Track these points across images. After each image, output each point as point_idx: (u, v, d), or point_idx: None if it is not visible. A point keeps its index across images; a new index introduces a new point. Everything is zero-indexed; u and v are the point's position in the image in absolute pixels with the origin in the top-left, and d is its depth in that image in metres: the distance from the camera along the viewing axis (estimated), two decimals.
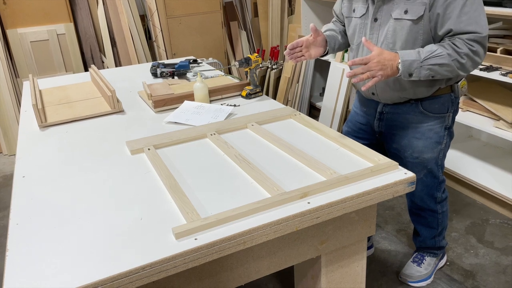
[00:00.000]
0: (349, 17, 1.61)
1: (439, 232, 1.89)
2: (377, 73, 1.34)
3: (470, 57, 1.37)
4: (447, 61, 1.36)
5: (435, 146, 1.63)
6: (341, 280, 1.45)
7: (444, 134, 1.63)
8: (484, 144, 2.94)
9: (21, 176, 1.41)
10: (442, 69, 1.38)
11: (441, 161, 1.70)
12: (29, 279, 0.94)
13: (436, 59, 1.36)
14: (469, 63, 1.38)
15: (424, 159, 1.65)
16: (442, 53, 1.36)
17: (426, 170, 1.68)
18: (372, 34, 1.49)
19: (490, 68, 2.30)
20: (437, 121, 1.60)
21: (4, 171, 3.30)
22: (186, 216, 1.11)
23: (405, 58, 1.36)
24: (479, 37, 1.36)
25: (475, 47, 1.36)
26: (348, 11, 1.60)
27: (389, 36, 1.46)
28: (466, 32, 1.36)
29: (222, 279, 1.18)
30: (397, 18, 1.42)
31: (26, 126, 1.86)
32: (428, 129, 1.60)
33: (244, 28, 4.37)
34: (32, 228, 1.13)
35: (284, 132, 1.65)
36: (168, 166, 1.38)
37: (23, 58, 3.57)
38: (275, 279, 1.98)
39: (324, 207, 1.16)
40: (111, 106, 1.94)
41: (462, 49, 1.36)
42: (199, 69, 2.57)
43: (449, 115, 1.61)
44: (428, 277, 1.93)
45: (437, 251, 1.96)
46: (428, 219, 1.85)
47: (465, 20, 1.35)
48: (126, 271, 0.94)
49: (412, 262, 1.97)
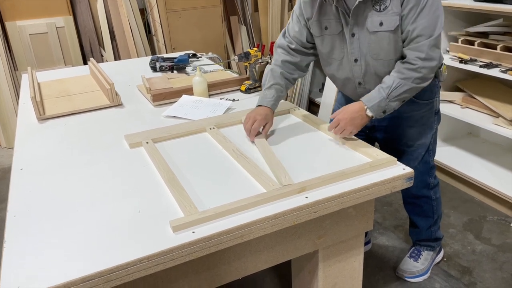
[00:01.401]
0: (322, 36, 1.54)
1: (435, 221, 1.90)
2: (350, 129, 1.43)
3: (426, 67, 1.39)
4: (408, 86, 1.40)
5: (428, 132, 1.67)
6: (338, 275, 1.46)
7: (434, 119, 1.68)
8: (483, 141, 2.94)
9: (19, 168, 1.41)
10: (409, 93, 1.42)
11: (432, 146, 1.73)
12: (27, 270, 0.94)
13: (398, 90, 1.40)
14: (427, 71, 1.40)
15: (419, 146, 1.68)
16: (400, 83, 1.40)
17: (420, 157, 1.71)
18: (354, 49, 1.48)
19: (490, 65, 2.30)
20: (427, 107, 1.63)
21: (2, 164, 3.30)
22: (184, 210, 1.11)
23: (370, 103, 1.42)
24: (432, 41, 1.37)
25: (428, 54, 1.37)
26: (318, 30, 1.53)
27: (371, 48, 1.46)
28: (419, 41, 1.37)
29: (220, 272, 1.18)
30: (374, 31, 1.42)
31: (25, 118, 1.86)
32: (420, 116, 1.64)
33: (244, 23, 4.35)
34: (29, 220, 1.13)
35: (283, 127, 1.64)
36: (166, 160, 1.38)
37: (22, 51, 3.56)
38: (272, 273, 1.99)
39: (322, 201, 1.16)
40: (110, 99, 1.93)
41: (416, 64, 1.38)
42: (198, 63, 2.57)
43: (436, 100, 1.66)
44: (425, 272, 1.94)
45: (434, 243, 1.97)
46: (424, 207, 1.86)
47: (421, 25, 1.36)
48: (123, 263, 0.94)
49: (409, 257, 1.98)
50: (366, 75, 1.52)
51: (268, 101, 1.56)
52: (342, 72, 1.57)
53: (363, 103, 1.43)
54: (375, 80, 1.51)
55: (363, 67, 1.50)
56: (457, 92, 2.72)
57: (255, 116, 1.51)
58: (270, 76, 1.61)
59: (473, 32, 2.49)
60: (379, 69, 1.49)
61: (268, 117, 1.53)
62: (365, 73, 1.52)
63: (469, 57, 2.43)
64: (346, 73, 1.56)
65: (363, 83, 1.55)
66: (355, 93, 1.61)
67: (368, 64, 1.49)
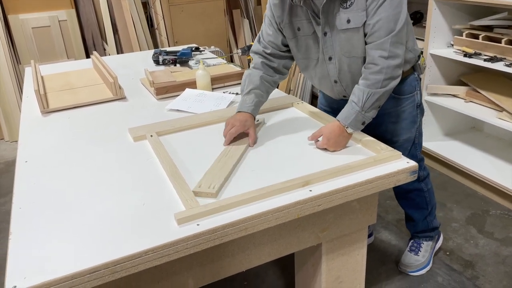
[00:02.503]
0: (295, 37, 1.51)
1: (430, 211, 1.91)
2: (333, 148, 1.38)
3: (392, 66, 1.36)
4: (379, 93, 1.37)
5: (412, 126, 1.67)
6: (341, 268, 1.46)
7: (416, 112, 1.66)
8: (486, 135, 2.94)
9: (24, 161, 1.41)
10: (381, 99, 1.39)
11: (417, 139, 1.72)
12: (32, 262, 0.95)
13: (370, 100, 1.37)
14: (394, 71, 1.37)
15: (404, 141, 1.68)
16: (370, 93, 1.36)
17: (407, 152, 1.69)
18: (327, 48, 1.46)
19: (494, 58, 2.29)
20: (408, 101, 1.62)
21: (6, 157, 3.31)
22: (185, 203, 1.11)
23: (348, 121, 1.38)
24: (393, 37, 1.33)
25: (390, 51, 1.34)
26: (291, 32, 1.50)
27: (343, 46, 1.44)
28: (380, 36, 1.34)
29: (224, 265, 1.19)
30: (343, 29, 1.40)
31: (28, 112, 1.86)
32: (402, 111, 1.63)
33: (246, 16, 4.34)
34: (35, 212, 1.13)
35: (286, 121, 1.64)
36: (170, 153, 1.38)
37: (25, 44, 3.55)
38: (275, 266, 1.99)
39: (326, 195, 1.16)
40: (113, 92, 1.94)
41: (380, 64, 1.35)
42: (201, 57, 2.56)
43: (417, 93, 1.64)
44: (427, 264, 1.95)
45: (431, 232, 1.97)
46: (416, 200, 1.87)
47: (381, 19, 1.33)
48: (128, 255, 0.95)
49: (409, 251, 1.98)
50: (341, 73, 1.50)
51: (248, 106, 1.51)
52: (318, 71, 1.55)
53: (341, 124, 1.40)
54: (350, 78, 1.50)
55: (337, 65, 1.49)
56: (461, 86, 2.71)
57: (233, 122, 1.47)
58: (248, 81, 1.56)
59: (477, 25, 2.47)
60: (352, 67, 1.47)
61: (248, 123, 1.47)
62: (339, 71, 1.50)
63: (473, 51, 2.42)
64: (321, 72, 1.54)
65: (339, 81, 1.53)
66: (332, 92, 1.61)
67: (342, 62, 1.47)
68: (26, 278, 0.90)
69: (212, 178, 1.22)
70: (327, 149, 1.39)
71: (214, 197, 1.15)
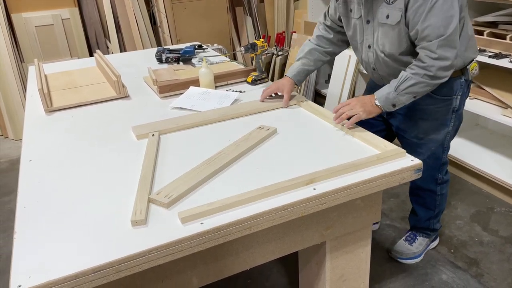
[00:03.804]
0: (347, 17, 1.61)
1: (435, 214, 1.92)
2: (358, 110, 1.45)
3: (437, 67, 1.38)
4: (416, 80, 1.40)
5: (441, 128, 1.66)
6: (345, 266, 1.46)
7: (451, 116, 1.65)
8: (491, 132, 2.92)
9: (28, 160, 1.41)
10: (417, 88, 1.41)
11: (447, 143, 1.72)
12: (37, 261, 0.95)
13: (406, 83, 1.41)
14: (439, 71, 1.39)
15: (429, 140, 1.68)
16: (408, 76, 1.41)
17: (430, 152, 1.71)
18: (367, 36, 1.55)
19: (499, 55, 2.27)
20: (444, 103, 1.62)
21: (10, 156, 3.32)
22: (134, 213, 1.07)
23: (379, 94, 1.46)
24: (442, 40, 1.35)
25: (438, 53, 1.36)
26: (345, 11, 1.61)
27: (379, 38, 1.50)
28: (429, 40, 1.36)
29: (228, 263, 1.19)
30: (382, 22, 1.46)
31: (32, 110, 1.87)
32: (434, 110, 1.63)
33: (249, 14, 4.32)
34: (39, 211, 1.14)
35: (291, 119, 1.64)
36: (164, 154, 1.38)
37: (28, 43, 3.56)
38: (279, 265, 1.99)
39: (330, 193, 1.16)
40: (117, 91, 1.93)
41: (426, 62, 1.38)
42: (204, 54, 2.56)
43: (457, 98, 1.62)
44: (418, 255, 1.97)
45: (430, 232, 1.99)
46: (426, 200, 1.87)
47: (431, 25, 1.35)
48: (133, 254, 0.95)
49: (404, 240, 2.01)
50: (377, 61, 1.58)
51: (290, 72, 1.75)
52: (362, 55, 1.64)
53: (373, 95, 1.48)
54: (386, 70, 1.56)
55: (375, 54, 1.57)
56: None
57: (273, 84, 1.76)
58: (301, 50, 1.78)
59: (482, 22, 2.46)
60: (386, 60, 1.54)
61: (284, 85, 1.71)
62: (376, 59, 1.58)
63: (478, 48, 2.40)
64: (364, 57, 1.64)
65: (376, 69, 1.61)
66: (373, 76, 1.71)
67: (379, 53, 1.54)
68: (31, 277, 0.90)
69: (177, 186, 1.18)
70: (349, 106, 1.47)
71: (165, 207, 1.11)
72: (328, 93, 3.56)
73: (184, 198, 1.16)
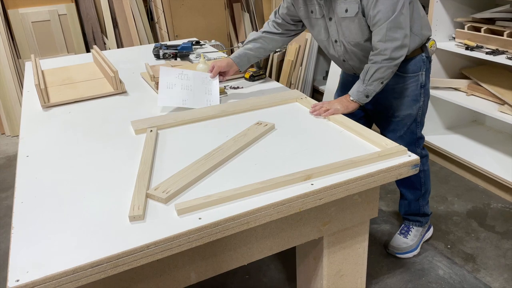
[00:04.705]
0: (309, 18, 1.71)
1: (423, 194, 1.96)
2: (337, 106, 1.59)
3: (390, 48, 1.50)
4: (377, 67, 1.53)
5: (413, 104, 1.76)
6: (343, 261, 1.47)
7: (420, 92, 1.75)
8: (488, 128, 2.93)
9: (25, 156, 1.41)
10: (380, 73, 1.54)
11: (420, 118, 1.81)
12: (35, 256, 0.95)
13: (369, 72, 1.55)
14: (394, 53, 1.51)
15: (404, 116, 1.78)
16: (369, 66, 1.55)
17: (406, 127, 1.80)
18: (332, 32, 1.66)
19: (496, 51, 2.28)
20: (411, 80, 1.72)
21: (7, 152, 3.31)
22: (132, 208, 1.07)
23: (351, 91, 1.61)
24: (390, 22, 1.47)
25: (388, 35, 1.49)
26: (306, 14, 1.70)
27: (344, 31, 1.62)
28: (379, 24, 1.49)
29: (225, 258, 1.19)
30: (342, 17, 1.58)
31: (29, 106, 1.86)
32: (404, 88, 1.73)
33: (247, 10, 4.31)
34: (37, 206, 1.13)
35: (290, 116, 1.64)
36: (162, 149, 1.38)
37: (25, 38, 3.54)
38: (277, 260, 2.00)
39: (327, 188, 1.16)
40: (114, 87, 1.93)
41: (379, 48, 1.52)
42: (201, 50, 2.55)
43: (422, 73, 1.73)
44: (415, 248, 2.00)
45: (422, 218, 2.02)
46: (411, 178, 1.90)
47: (380, 10, 1.47)
48: (130, 249, 0.95)
49: (398, 234, 2.04)
50: (346, 53, 1.69)
51: (233, 54, 1.86)
52: (330, 50, 1.76)
53: (347, 94, 1.62)
54: (356, 58, 1.69)
55: (342, 47, 1.68)
56: (463, 79, 2.70)
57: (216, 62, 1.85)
58: (247, 38, 1.89)
59: (479, 18, 2.46)
60: (353, 50, 1.65)
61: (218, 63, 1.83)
62: (344, 52, 1.69)
63: (475, 44, 2.41)
64: (332, 52, 1.75)
65: (346, 60, 1.73)
66: (344, 68, 1.84)
67: (347, 44, 1.65)
68: (29, 272, 0.90)
69: (175, 181, 1.18)
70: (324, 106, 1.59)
71: (163, 202, 1.11)
72: (326, 89, 3.56)
73: (182, 193, 1.16)
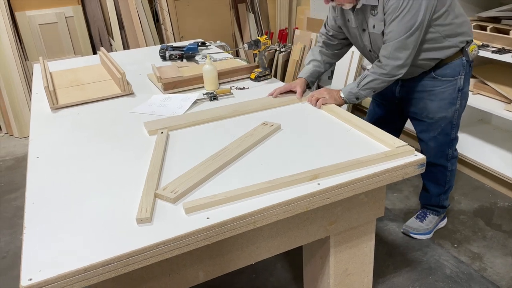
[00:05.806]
0: (346, 26, 1.78)
1: (445, 190, 2.05)
2: (325, 95, 1.70)
3: (391, 66, 1.61)
4: (374, 77, 1.65)
5: (449, 107, 1.80)
6: (349, 261, 1.48)
7: (457, 95, 1.79)
8: (494, 127, 2.92)
9: (35, 157, 1.43)
10: (375, 84, 1.66)
11: (456, 120, 1.86)
12: (47, 256, 0.97)
13: (366, 79, 1.66)
14: (393, 70, 1.62)
15: (439, 119, 1.83)
16: (367, 74, 1.67)
17: (440, 129, 1.86)
18: (366, 42, 1.74)
19: (502, 50, 2.27)
20: (449, 84, 1.76)
21: (16, 153, 3.34)
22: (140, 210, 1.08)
23: (344, 89, 1.72)
24: (397, 42, 1.56)
25: (392, 54, 1.59)
26: (343, 22, 1.78)
27: (373, 44, 1.71)
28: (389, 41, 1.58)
29: (233, 257, 1.20)
30: (371, 32, 1.66)
31: (38, 108, 1.88)
32: (441, 91, 1.78)
33: (252, 11, 4.32)
34: (47, 207, 1.15)
35: (299, 116, 1.65)
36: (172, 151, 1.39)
37: (32, 41, 3.58)
38: (283, 259, 2.01)
39: (334, 188, 1.17)
40: (121, 88, 1.95)
41: (382, 62, 1.63)
42: (207, 51, 2.57)
43: (461, 77, 1.77)
44: (428, 232, 2.10)
45: (440, 209, 2.12)
46: (437, 175, 2.00)
47: (393, 30, 1.56)
48: (141, 248, 0.96)
49: (415, 218, 2.15)
50: None
51: (303, 73, 1.88)
52: (367, 57, 1.86)
53: (340, 89, 1.73)
54: None
55: (375, 56, 1.75)
56: None
57: (287, 84, 1.85)
58: (309, 54, 1.95)
59: (485, 17, 2.45)
60: None
61: (297, 83, 1.82)
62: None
63: (481, 43, 2.40)
64: (369, 58, 1.84)
65: None
66: None
67: (378, 55, 1.69)
68: (41, 271, 0.92)
69: (183, 181, 1.20)
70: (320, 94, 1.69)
71: (172, 202, 1.12)
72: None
73: (190, 193, 1.17)
